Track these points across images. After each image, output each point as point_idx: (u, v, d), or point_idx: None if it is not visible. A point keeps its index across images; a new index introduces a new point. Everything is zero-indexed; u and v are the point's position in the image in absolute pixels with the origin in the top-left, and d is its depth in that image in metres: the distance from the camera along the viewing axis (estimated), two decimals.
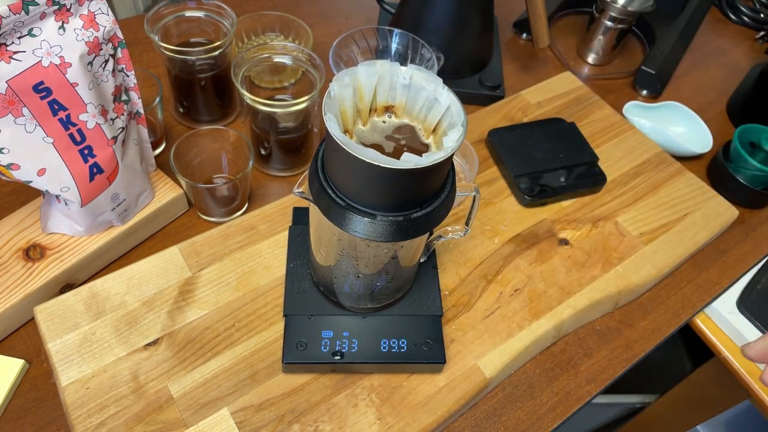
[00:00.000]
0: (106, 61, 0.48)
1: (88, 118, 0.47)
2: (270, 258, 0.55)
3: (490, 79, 0.79)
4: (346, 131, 0.38)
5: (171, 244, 0.55)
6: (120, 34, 0.49)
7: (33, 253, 0.54)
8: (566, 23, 0.96)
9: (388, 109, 0.40)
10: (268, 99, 0.58)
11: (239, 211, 0.64)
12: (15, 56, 0.42)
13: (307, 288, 0.51)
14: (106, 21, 0.47)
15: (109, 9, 0.47)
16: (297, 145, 0.66)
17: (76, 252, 0.54)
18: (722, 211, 0.66)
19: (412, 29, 0.71)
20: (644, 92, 0.85)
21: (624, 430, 1.05)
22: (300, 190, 0.41)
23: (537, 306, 0.56)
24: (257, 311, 0.52)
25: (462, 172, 0.63)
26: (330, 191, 0.38)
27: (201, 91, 0.67)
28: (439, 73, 0.65)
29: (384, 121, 0.40)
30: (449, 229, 0.50)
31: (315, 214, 0.42)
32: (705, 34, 0.98)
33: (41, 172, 0.47)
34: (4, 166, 0.45)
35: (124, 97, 0.52)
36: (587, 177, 0.65)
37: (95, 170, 0.50)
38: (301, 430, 0.46)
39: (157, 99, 0.62)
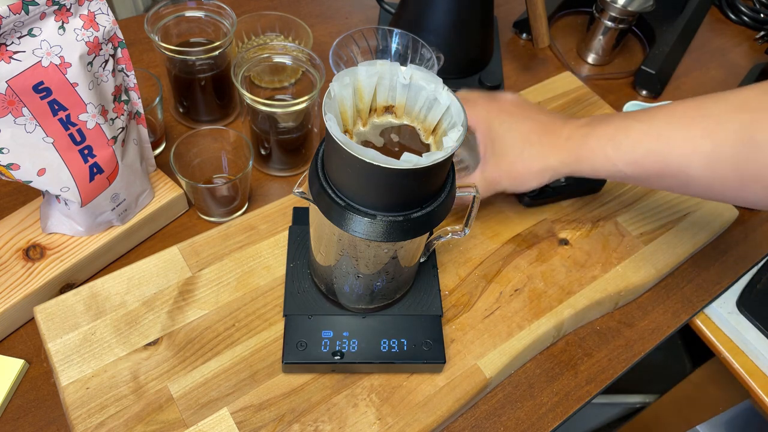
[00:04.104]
0: (106, 61, 0.48)
1: (88, 118, 0.47)
2: (270, 258, 0.55)
3: (490, 79, 0.79)
4: (346, 131, 0.38)
5: (171, 244, 0.55)
6: (120, 34, 0.49)
7: (33, 253, 0.54)
8: (566, 23, 0.96)
9: (388, 109, 0.40)
10: (268, 99, 0.58)
11: (239, 211, 0.64)
12: (15, 56, 0.42)
13: (307, 288, 0.51)
14: (106, 21, 0.47)
15: (109, 9, 0.47)
16: (297, 145, 0.66)
17: (76, 252, 0.54)
18: (722, 211, 0.66)
19: (412, 29, 0.71)
20: (644, 92, 0.85)
21: (624, 430, 1.05)
22: (300, 190, 0.41)
23: (537, 306, 0.56)
24: (257, 311, 0.52)
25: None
26: (330, 191, 0.38)
27: (201, 91, 0.67)
28: (439, 73, 0.65)
29: (384, 122, 0.40)
30: (449, 229, 0.50)
31: (315, 214, 0.42)
32: (705, 34, 0.98)
33: (41, 172, 0.47)
34: (4, 166, 0.45)
35: (124, 97, 0.52)
36: (587, 177, 0.65)
37: (95, 170, 0.50)
38: (301, 430, 0.46)
39: (157, 99, 0.62)
